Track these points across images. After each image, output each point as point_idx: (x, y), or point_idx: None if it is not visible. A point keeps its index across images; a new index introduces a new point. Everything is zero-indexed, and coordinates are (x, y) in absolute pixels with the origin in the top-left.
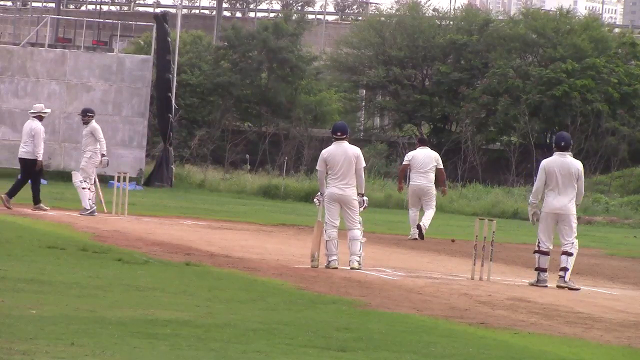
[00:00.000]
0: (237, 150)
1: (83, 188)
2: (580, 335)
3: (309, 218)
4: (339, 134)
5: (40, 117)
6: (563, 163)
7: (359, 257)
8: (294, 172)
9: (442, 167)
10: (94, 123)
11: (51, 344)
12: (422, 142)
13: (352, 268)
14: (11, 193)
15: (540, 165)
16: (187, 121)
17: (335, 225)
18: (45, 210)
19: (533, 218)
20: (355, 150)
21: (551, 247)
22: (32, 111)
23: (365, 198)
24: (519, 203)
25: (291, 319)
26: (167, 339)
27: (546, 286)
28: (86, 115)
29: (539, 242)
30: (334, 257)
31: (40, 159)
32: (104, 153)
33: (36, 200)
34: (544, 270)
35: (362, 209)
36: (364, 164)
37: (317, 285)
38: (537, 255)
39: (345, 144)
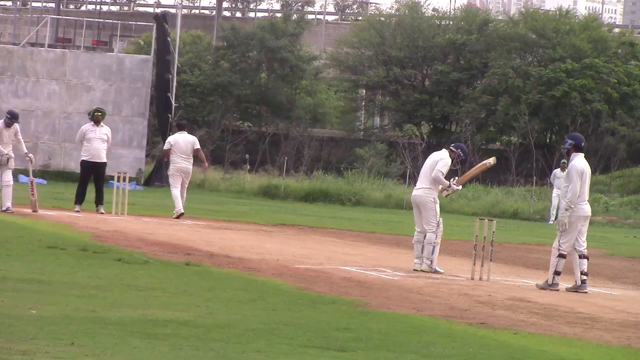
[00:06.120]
0: (237, 150)
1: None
2: (580, 335)
3: (309, 218)
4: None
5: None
6: (587, 165)
7: (430, 260)
8: (293, 172)
9: (199, 147)
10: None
11: (51, 344)
12: (181, 127)
13: (415, 270)
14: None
15: (578, 167)
16: (187, 121)
17: (417, 230)
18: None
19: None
20: (438, 156)
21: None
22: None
23: (452, 188)
24: (518, 203)
25: (291, 319)
26: (167, 339)
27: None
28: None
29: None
30: (416, 260)
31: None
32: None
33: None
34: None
35: (444, 193)
36: (439, 168)
37: (317, 286)
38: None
39: (440, 151)
